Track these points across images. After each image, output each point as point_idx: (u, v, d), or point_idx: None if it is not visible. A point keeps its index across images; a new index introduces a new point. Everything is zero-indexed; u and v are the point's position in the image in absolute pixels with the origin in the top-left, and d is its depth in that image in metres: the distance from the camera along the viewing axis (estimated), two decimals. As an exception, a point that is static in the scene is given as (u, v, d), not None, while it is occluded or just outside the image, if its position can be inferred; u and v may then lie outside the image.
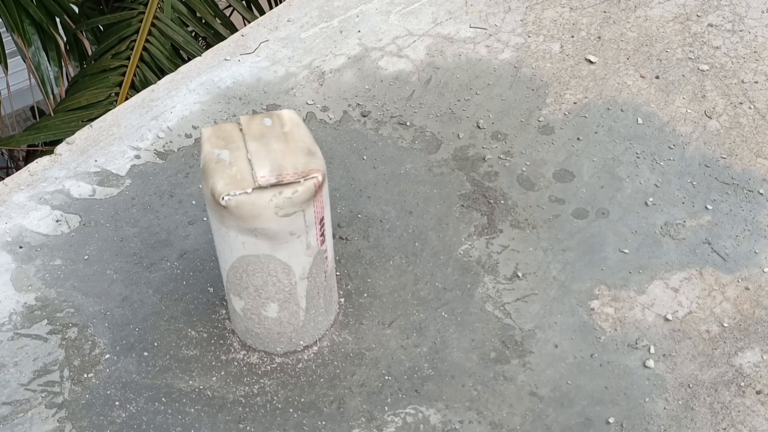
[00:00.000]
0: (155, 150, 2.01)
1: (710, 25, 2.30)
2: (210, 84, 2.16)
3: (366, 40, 2.28)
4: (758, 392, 1.57)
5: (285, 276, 1.51)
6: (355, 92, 2.15)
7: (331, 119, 2.09)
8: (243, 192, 1.39)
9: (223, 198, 1.38)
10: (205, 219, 1.88)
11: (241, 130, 1.48)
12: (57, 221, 1.86)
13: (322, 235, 1.51)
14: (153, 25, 3.56)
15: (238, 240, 1.45)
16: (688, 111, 2.08)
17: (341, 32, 2.31)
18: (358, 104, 2.13)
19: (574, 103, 2.12)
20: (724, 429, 1.53)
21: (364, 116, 2.10)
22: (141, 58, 3.53)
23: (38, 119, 4.31)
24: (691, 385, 1.59)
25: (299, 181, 1.41)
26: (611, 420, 1.54)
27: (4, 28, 3.72)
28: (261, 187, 1.39)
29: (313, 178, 1.42)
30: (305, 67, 2.21)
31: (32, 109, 5.20)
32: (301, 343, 1.64)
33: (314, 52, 2.26)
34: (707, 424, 1.53)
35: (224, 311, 1.71)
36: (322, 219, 1.49)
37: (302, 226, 1.45)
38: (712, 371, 1.61)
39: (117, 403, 1.57)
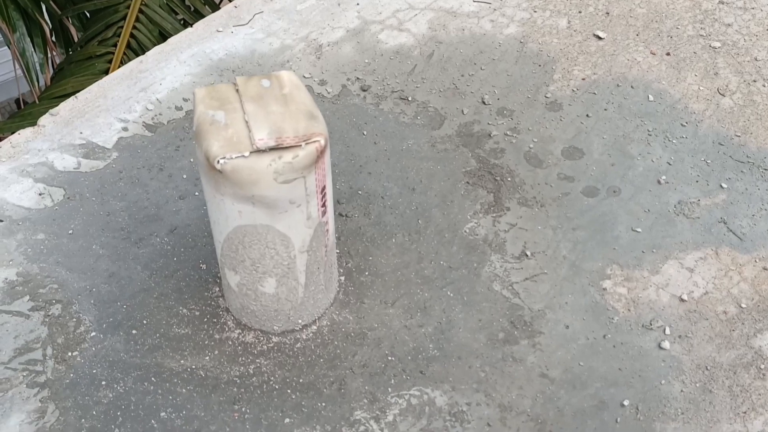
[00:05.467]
0: (144, 122, 1.92)
1: (721, 2, 2.23)
2: (202, 55, 2.07)
3: (365, 13, 2.20)
4: (779, 375, 1.50)
5: (284, 248, 1.42)
6: (354, 66, 2.07)
7: (329, 93, 2.01)
8: (240, 155, 1.30)
9: (218, 161, 1.29)
10: (196, 194, 1.78)
11: (237, 91, 1.39)
12: (40, 194, 1.76)
13: (324, 205, 1.42)
14: (140, 11, 3.46)
15: (234, 208, 1.36)
16: (701, 88, 2.01)
17: (339, 5, 2.22)
18: (357, 78, 2.04)
19: (583, 79, 2.04)
20: (744, 413, 1.45)
21: (364, 90, 2.01)
22: (128, 45, 3.43)
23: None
24: (708, 368, 1.51)
25: (300, 145, 1.31)
26: (626, 402, 1.46)
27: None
28: (259, 151, 1.30)
29: (315, 142, 1.33)
30: (302, 39, 2.12)
31: (17, 101, 5.08)
32: (300, 321, 1.55)
33: (311, 24, 2.17)
34: (726, 407, 1.46)
35: (218, 289, 1.61)
36: (323, 188, 1.40)
37: (303, 194, 1.36)
38: (730, 353, 1.53)
39: (103, 382, 1.47)
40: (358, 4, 2.22)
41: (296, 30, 2.15)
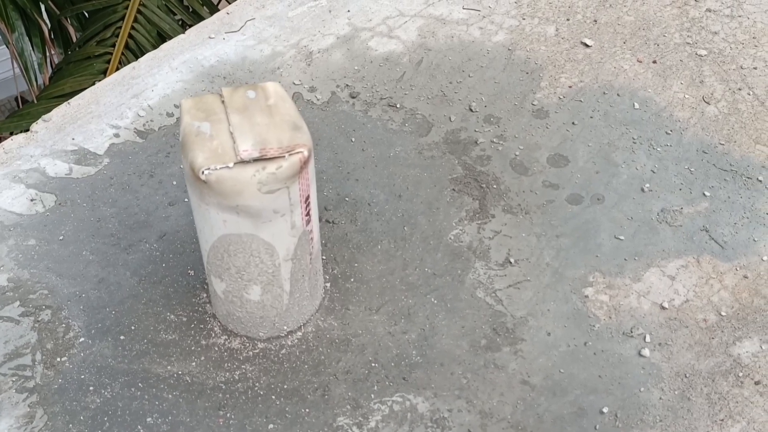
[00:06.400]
0: (135, 129, 1.94)
1: (708, 10, 2.25)
2: (193, 62, 2.09)
3: (356, 20, 2.22)
4: (757, 383, 1.52)
5: (268, 257, 1.44)
6: (343, 73, 2.09)
7: (318, 100, 2.03)
8: (224, 166, 1.32)
9: (203, 172, 1.32)
10: (186, 200, 1.81)
11: (223, 102, 1.42)
12: (32, 200, 1.79)
13: (308, 214, 1.45)
14: (139, 12, 3.49)
15: (219, 218, 1.38)
16: (686, 96, 2.03)
17: (330, 12, 2.24)
18: (346, 85, 2.06)
19: (570, 87, 2.06)
20: (722, 420, 1.47)
21: (353, 97, 2.03)
22: (126, 46, 3.46)
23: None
24: (687, 375, 1.53)
25: (284, 156, 1.34)
26: (605, 410, 1.48)
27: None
28: (243, 162, 1.32)
29: (298, 153, 1.35)
30: (292, 46, 2.15)
31: (17, 99, 5.11)
32: (285, 328, 1.57)
33: (302, 31, 2.19)
34: (704, 414, 1.48)
35: (205, 295, 1.64)
36: (307, 197, 1.42)
37: (286, 204, 1.38)
38: (709, 361, 1.56)
39: (91, 388, 1.50)
40: (348, 11, 2.24)
41: (287, 37, 2.17)
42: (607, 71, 2.10)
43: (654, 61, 2.11)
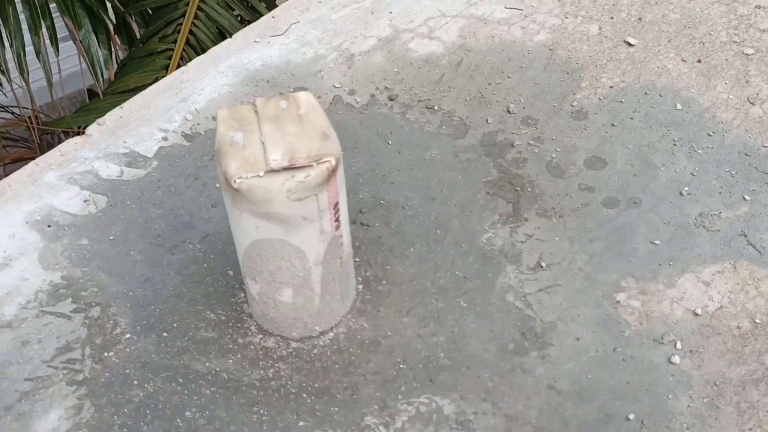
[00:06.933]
0: (182, 132, 2.02)
1: (758, 6, 2.19)
2: (239, 66, 2.16)
3: (397, 22, 2.24)
4: (790, 393, 1.50)
5: (299, 261, 1.50)
6: (383, 75, 2.12)
7: (357, 103, 2.07)
8: (255, 175, 1.38)
9: (235, 181, 1.38)
10: (228, 202, 1.88)
11: (256, 112, 1.47)
12: (85, 201, 1.89)
13: (337, 220, 1.49)
14: (199, 8, 3.59)
15: (251, 224, 1.44)
16: (730, 97, 1.99)
17: (372, 13, 2.27)
18: (386, 87, 2.09)
19: (611, 87, 2.05)
20: (750, 429, 1.46)
21: (392, 100, 2.06)
22: (187, 42, 3.57)
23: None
24: (717, 383, 1.52)
25: (312, 165, 1.39)
26: (631, 416, 1.49)
27: (57, 13, 3.81)
28: (273, 171, 1.38)
29: (326, 162, 1.39)
30: (334, 49, 2.19)
31: (87, 91, 5.32)
32: (317, 328, 1.63)
33: (344, 33, 2.23)
34: (733, 423, 1.47)
35: (243, 295, 1.71)
36: (336, 204, 1.47)
37: (315, 210, 1.43)
38: (740, 369, 1.54)
39: (135, 382, 1.59)
40: (391, 12, 2.27)
41: (330, 39, 2.22)
42: (650, 71, 2.07)
43: (699, 60, 2.07)
